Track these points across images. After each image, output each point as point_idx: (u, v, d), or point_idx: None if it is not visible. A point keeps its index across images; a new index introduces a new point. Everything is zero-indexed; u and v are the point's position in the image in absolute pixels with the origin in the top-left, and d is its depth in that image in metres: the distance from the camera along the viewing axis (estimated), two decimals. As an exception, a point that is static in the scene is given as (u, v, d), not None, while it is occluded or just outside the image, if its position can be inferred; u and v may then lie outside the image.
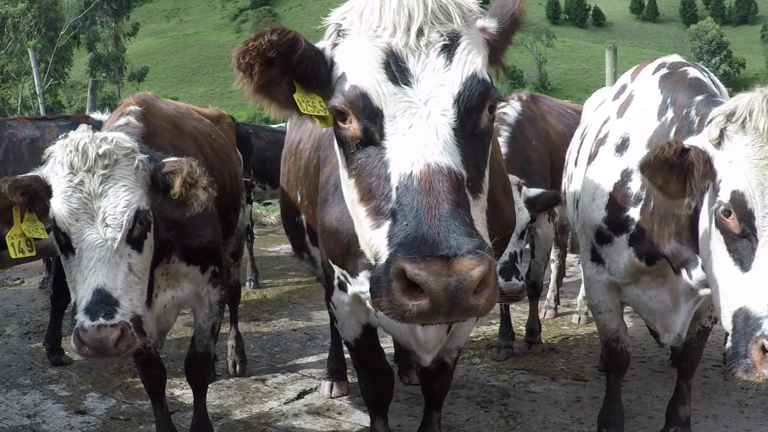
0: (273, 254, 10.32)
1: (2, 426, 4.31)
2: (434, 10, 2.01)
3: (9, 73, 41.23)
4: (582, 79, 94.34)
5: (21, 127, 5.36)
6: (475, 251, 1.71)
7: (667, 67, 3.28)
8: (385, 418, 3.52)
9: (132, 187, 2.88)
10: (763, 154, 2.23)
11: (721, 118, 2.38)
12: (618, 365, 3.74)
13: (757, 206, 2.21)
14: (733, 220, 2.29)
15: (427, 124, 1.91)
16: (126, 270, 2.82)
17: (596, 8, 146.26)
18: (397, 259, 1.73)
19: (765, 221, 2.20)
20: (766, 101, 2.28)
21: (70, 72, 50.89)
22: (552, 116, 5.81)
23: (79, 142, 2.85)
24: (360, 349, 3.36)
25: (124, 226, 2.81)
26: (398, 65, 1.97)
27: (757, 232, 2.22)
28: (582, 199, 3.52)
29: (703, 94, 2.91)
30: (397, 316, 1.77)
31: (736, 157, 2.31)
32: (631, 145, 3.21)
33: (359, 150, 2.02)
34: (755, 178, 2.23)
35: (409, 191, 1.84)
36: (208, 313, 3.77)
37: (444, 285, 1.68)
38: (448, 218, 1.77)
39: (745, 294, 2.26)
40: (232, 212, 4.58)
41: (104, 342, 2.67)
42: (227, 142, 4.85)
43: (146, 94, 4.09)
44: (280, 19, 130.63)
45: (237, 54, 2.10)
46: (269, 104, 2.22)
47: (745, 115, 2.30)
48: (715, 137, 2.38)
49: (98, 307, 2.69)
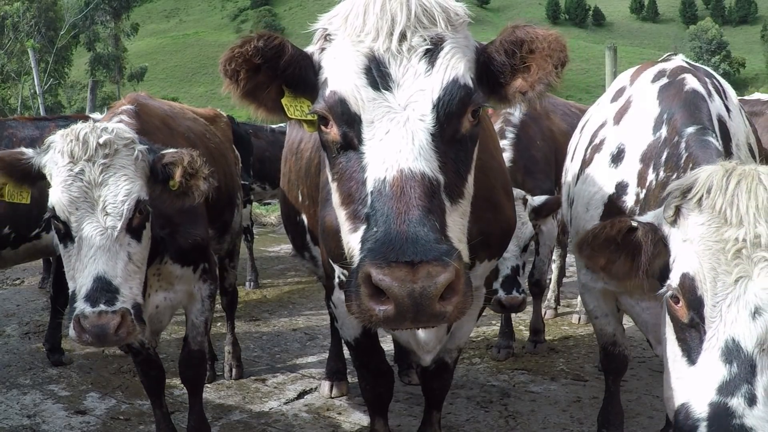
0: (273, 254, 10.32)
1: (2, 426, 4.31)
2: (418, 14, 2.00)
3: (9, 73, 41.22)
4: (582, 79, 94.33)
5: (21, 127, 5.36)
6: (441, 258, 1.72)
7: (667, 75, 3.23)
8: (385, 418, 3.52)
9: (132, 176, 2.90)
10: (718, 236, 1.99)
11: (678, 194, 2.16)
12: (616, 368, 3.74)
13: (708, 293, 1.96)
14: (681, 307, 2.05)
15: (404, 129, 1.92)
16: (126, 258, 2.83)
17: (596, 8, 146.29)
18: (364, 264, 1.75)
19: (715, 311, 1.94)
20: (726, 178, 2.05)
21: (70, 72, 50.85)
22: (556, 115, 5.83)
23: (79, 132, 2.87)
24: (360, 349, 3.36)
25: (124, 215, 2.82)
26: (380, 70, 1.97)
27: (706, 323, 1.96)
28: (576, 207, 3.51)
29: (695, 125, 2.79)
30: (365, 321, 1.80)
31: (690, 236, 2.08)
32: (626, 157, 3.18)
33: (340, 154, 2.04)
34: (708, 262, 1.98)
35: (382, 196, 1.85)
36: (200, 308, 3.78)
37: (408, 291, 1.69)
38: (417, 224, 1.78)
39: (689, 389, 2.03)
40: (227, 211, 4.58)
41: (105, 328, 2.67)
42: (222, 141, 4.85)
43: (139, 94, 4.11)
44: (281, 19, 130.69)
45: (223, 60, 2.12)
46: (256, 109, 2.24)
47: (702, 192, 2.06)
48: (670, 215, 2.17)
49: (99, 294, 2.70)
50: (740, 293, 1.92)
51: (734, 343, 1.90)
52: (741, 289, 1.92)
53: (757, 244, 1.93)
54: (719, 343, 1.92)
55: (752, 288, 1.91)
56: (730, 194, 2.01)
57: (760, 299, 1.90)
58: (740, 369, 1.88)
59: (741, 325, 1.90)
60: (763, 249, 1.93)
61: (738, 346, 1.89)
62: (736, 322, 1.91)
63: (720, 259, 1.96)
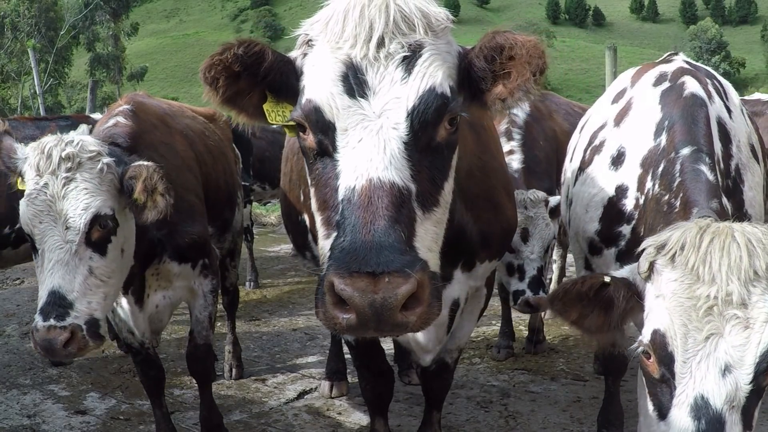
0: (273, 254, 10.32)
1: (2, 426, 4.31)
2: (396, 20, 1.98)
3: (9, 73, 41.25)
4: (582, 79, 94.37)
5: (21, 127, 5.36)
6: (403, 270, 1.72)
7: (668, 79, 3.22)
8: (385, 418, 3.52)
9: (93, 190, 2.88)
10: (690, 293, 1.98)
11: (652, 251, 2.16)
12: (616, 369, 3.74)
13: (678, 349, 1.96)
14: (652, 363, 2.05)
15: (376, 137, 1.91)
16: (85, 273, 2.83)
17: (596, 8, 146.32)
18: (329, 273, 1.77)
19: (685, 367, 1.94)
20: (699, 235, 2.05)
21: (70, 72, 50.89)
22: (559, 115, 5.84)
23: (46, 146, 2.90)
24: (360, 348, 3.36)
25: (81, 230, 2.82)
26: (357, 77, 1.96)
27: (676, 378, 1.97)
28: (575, 208, 3.51)
29: (689, 146, 2.78)
30: (330, 327, 1.82)
31: (663, 292, 2.08)
32: (627, 160, 3.18)
33: (317, 160, 2.05)
34: (679, 318, 1.98)
35: (351, 205, 1.86)
36: (203, 303, 3.80)
37: (369, 301, 1.70)
38: (382, 234, 1.78)
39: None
40: (227, 209, 4.59)
41: (53, 343, 2.70)
42: (222, 140, 4.85)
43: (137, 93, 4.12)
44: (280, 19, 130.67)
45: (203, 68, 2.12)
46: (237, 115, 2.25)
47: (676, 249, 2.07)
48: (644, 270, 2.17)
49: (51, 309, 2.73)
50: (710, 350, 1.93)
51: (703, 400, 1.91)
52: (711, 346, 1.93)
53: (729, 302, 1.93)
54: (688, 399, 1.94)
55: (723, 345, 1.92)
56: (702, 252, 2.01)
57: (731, 356, 1.90)
58: (708, 426, 1.89)
59: (710, 382, 1.91)
60: (734, 306, 1.93)
61: (707, 402, 1.90)
62: (705, 378, 1.92)
63: (691, 315, 1.97)
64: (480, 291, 3.32)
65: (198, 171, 3.90)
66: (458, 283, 3.02)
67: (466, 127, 2.81)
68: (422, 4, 2.05)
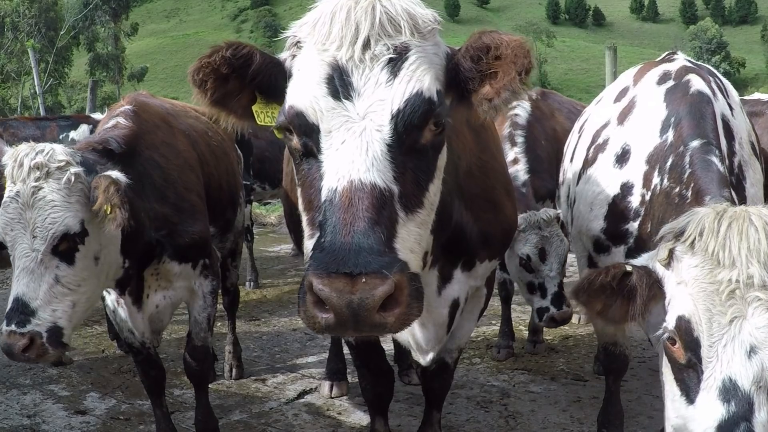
0: (273, 254, 10.32)
1: (2, 426, 4.31)
2: (383, 21, 1.98)
3: (9, 73, 41.27)
4: (582, 79, 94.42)
5: (21, 127, 5.38)
6: (380, 271, 1.74)
7: (673, 77, 3.23)
8: (386, 418, 3.52)
9: (61, 203, 2.88)
10: (711, 278, 2.02)
11: (670, 238, 2.20)
12: (617, 368, 3.74)
13: (704, 334, 1.99)
14: (678, 348, 2.08)
15: (359, 139, 1.92)
16: (51, 281, 2.85)
17: (596, 8, 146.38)
18: (309, 273, 1.79)
19: (711, 351, 1.98)
20: (717, 221, 2.08)
21: (70, 72, 50.91)
22: (561, 114, 5.85)
23: (19, 154, 2.92)
24: (360, 348, 3.36)
25: (47, 241, 2.84)
26: (342, 79, 1.96)
27: (703, 363, 2.00)
28: (578, 206, 3.50)
29: (699, 139, 2.81)
30: (310, 326, 1.84)
31: (684, 278, 2.11)
32: (632, 157, 3.18)
33: (303, 161, 2.07)
34: (702, 303, 2.01)
35: (332, 206, 1.88)
36: (202, 304, 3.79)
37: (346, 302, 1.72)
38: (361, 236, 1.80)
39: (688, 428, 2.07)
40: (229, 209, 4.58)
41: (12, 348, 2.77)
42: (225, 140, 4.85)
43: (140, 93, 4.11)
44: (280, 19, 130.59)
45: (191, 70, 2.14)
46: (226, 117, 2.26)
47: (695, 235, 2.10)
48: (663, 257, 2.20)
49: (13, 314, 2.78)
50: (735, 333, 1.95)
51: (731, 382, 1.93)
52: (736, 329, 1.95)
53: (750, 285, 1.96)
54: (717, 382, 1.96)
55: (747, 327, 1.94)
56: (722, 237, 2.04)
57: (755, 338, 1.93)
58: (738, 407, 1.91)
59: (737, 364, 1.93)
60: (756, 289, 1.96)
61: (735, 384, 1.92)
62: (732, 361, 1.94)
63: (714, 300, 1.99)
64: (480, 291, 3.32)
65: (200, 171, 3.90)
66: (458, 283, 3.03)
67: (466, 126, 2.81)
68: (409, 6, 2.05)
